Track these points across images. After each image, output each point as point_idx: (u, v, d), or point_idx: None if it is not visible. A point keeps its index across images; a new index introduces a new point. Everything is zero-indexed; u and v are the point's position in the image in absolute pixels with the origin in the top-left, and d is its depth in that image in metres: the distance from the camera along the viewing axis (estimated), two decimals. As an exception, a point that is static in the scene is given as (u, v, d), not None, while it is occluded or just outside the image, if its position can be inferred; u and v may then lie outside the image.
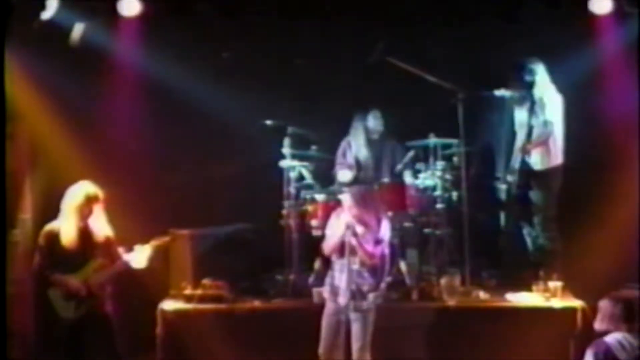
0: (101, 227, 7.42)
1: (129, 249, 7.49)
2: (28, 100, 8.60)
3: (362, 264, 7.34)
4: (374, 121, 9.20)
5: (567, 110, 8.71)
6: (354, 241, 7.28)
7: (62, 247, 7.31)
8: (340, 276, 7.38)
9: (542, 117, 8.60)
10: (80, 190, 7.38)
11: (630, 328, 6.47)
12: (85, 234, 7.36)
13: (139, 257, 7.45)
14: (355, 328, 7.32)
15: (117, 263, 7.42)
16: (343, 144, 9.28)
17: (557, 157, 8.70)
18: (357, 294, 7.30)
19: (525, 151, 8.66)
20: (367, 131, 9.20)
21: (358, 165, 9.21)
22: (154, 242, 7.57)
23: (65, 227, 7.34)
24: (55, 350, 7.45)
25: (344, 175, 9.10)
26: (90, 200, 7.36)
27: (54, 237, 7.34)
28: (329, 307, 7.43)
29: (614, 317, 6.47)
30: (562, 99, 8.69)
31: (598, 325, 6.53)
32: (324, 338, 7.41)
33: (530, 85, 8.67)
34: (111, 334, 7.39)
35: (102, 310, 7.36)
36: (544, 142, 8.62)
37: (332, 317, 7.40)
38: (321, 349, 7.42)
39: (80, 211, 7.33)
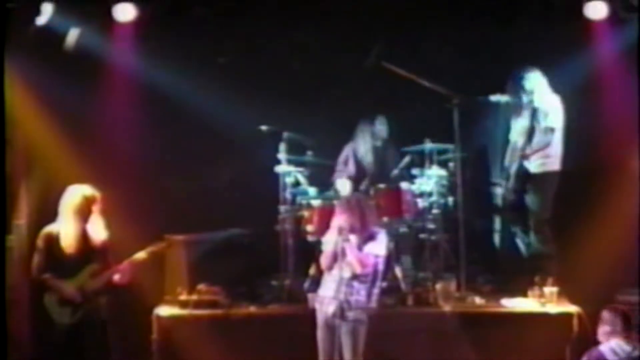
0: (99, 231, 7.41)
1: (125, 255, 7.48)
2: (23, 105, 8.56)
3: (354, 272, 7.19)
4: (380, 127, 9.20)
5: (565, 116, 8.73)
6: (345, 246, 7.17)
7: (60, 250, 7.29)
8: (329, 286, 7.27)
9: (543, 124, 8.63)
10: (78, 191, 7.37)
11: (627, 336, 6.52)
12: (83, 237, 7.34)
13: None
14: (346, 341, 7.17)
15: (112, 270, 7.40)
16: (346, 150, 9.29)
17: (555, 164, 8.72)
18: (344, 304, 7.15)
19: (524, 157, 8.67)
20: (374, 137, 9.20)
21: (362, 171, 9.20)
22: (150, 248, 7.55)
23: (64, 230, 7.32)
24: (51, 356, 7.44)
25: (342, 184, 9.08)
26: (88, 202, 7.34)
27: (52, 239, 7.31)
28: (319, 319, 7.33)
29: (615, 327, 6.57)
30: (562, 107, 8.70)
31: (601, 336, 6.64)
32: (321, 352, 7.33)
33: (530, 93, 8.68)
34: (107, 340, 7.38)
35: (98, 317, 7.35)
36: (544, 149, 8.64)
37: (325, 331, 7.28)
38: None
39: (79, 213, 7.31)
